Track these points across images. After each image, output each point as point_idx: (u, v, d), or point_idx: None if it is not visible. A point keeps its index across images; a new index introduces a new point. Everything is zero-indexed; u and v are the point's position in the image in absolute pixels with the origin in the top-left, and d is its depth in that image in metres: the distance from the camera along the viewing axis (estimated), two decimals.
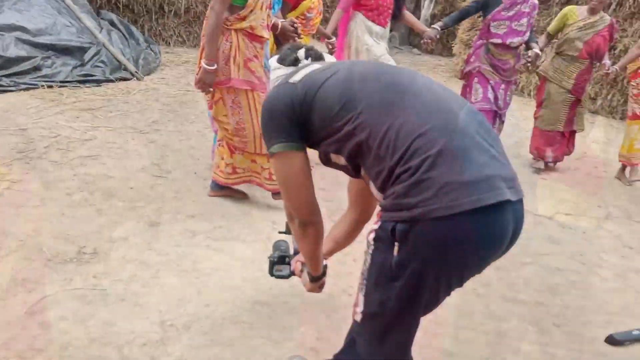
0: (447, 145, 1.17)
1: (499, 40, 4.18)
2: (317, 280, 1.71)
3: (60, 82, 4.87)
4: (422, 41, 4.30)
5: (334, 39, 3.90)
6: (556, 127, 4.61)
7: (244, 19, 2.71)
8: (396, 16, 4.15)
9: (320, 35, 3.94)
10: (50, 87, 4.77)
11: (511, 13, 4.15)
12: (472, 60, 4.36)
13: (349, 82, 1.33)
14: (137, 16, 6.92)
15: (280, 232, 2.00)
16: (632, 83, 4.61)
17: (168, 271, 2.41)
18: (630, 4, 7.00)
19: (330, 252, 1.79)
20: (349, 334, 1.51)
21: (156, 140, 3.92)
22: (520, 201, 1.25)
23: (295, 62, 1.57)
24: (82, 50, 5.28)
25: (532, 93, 7.93)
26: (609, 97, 7.60)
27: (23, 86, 4.61)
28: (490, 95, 4.32)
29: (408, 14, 4.39)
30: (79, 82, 4.99)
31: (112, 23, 6.16)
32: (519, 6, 4.14)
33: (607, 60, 4.40)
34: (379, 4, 3.91)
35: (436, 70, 9.67)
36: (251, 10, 2.70)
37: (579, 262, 3.11)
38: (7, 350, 1.83)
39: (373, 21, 3.95)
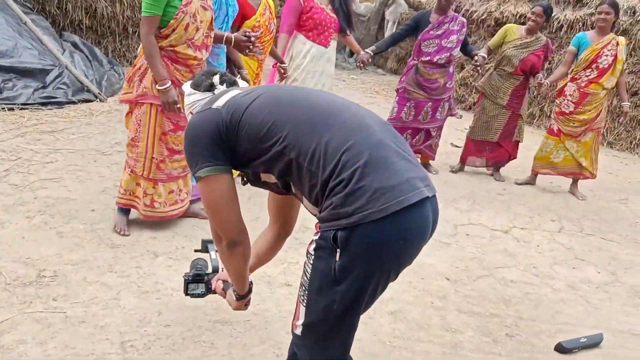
0: (371, 156, 1.30)
1: (428, 58, 4.45)
2: (243, 299, 1.71)
3: (22, 104, 4.82)
4: (356, 63, 4.45)
5: (286, 63, 3.87)
6: (487, 138, 4.94)
7: (165, 37, 2.68)
8: (343, 32, 4.10)
9: (274, 58, 3.84)
10: (11, 109, 4.72)
11: (440, 32, 4.44)
12: (402, 79, 4.63)
13: (274, 105, 1.42)
14: (101, 37, 6.90)
15: (196, 251, 1.99)
16: (556, 101, 4.91)
17: (129, 292, 2.42)
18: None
19: (253, 268, 1.81)
20: (289, 352, 1.58)
21: (119, 162, 3.92)
22: (434, 196, 1.39)
23: (210, 87, 1.62)
24: (44, 72, 5.25)
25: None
26: None
27: None
28: (404, 114, 4.60)
29: (350, 34, 4.34)
30: (41, 104, 4.94)
31: (75, 45, 6.13)
32: (447, 25, 4.44)
33: (540, 74, 4.65)
34: (317, 24, 3.86)
35: None
36: (173, 30, 2.66)
37: (532, 274, 3.24)
38: None
39: (313, 41, 3.91)
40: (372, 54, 4.48)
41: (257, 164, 1.43)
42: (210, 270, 1.87)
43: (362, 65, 4.45)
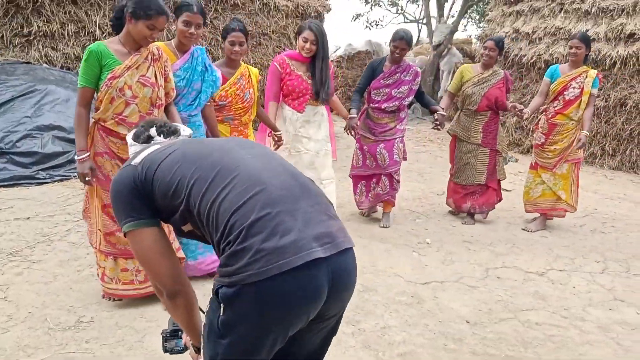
0: (257, 216, 1.30)
1: (377, 105, 4.47)
2: (200, 352, 1.62)
3: None
4: (346, 130, 4.40)
5: (280, 132, 3.86)
6: (475, 182, 4.81)
7: (97, 110, 2.71)
8: (318, 99, 3.97)
9: (268, 127, 3.88)
10: None
11: (390, 81, 4.43)
12: (358, 128, 4.47)
13: (181, 163, 1.45)
14: None
15: None
16: (534, 135, 4.84)
17: (153, 334, 2.66)
18: (634, 62, 7.13)
19: None
20: None
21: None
22: (339, 253, 1.35)
23: (149, 139, 1.66)
24: None
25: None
26: (627, 152, 7.57)
27: (57, 177, 5.18)
28: (369, 160, 4.56)
29: (335, 99, 4.33)
30: None
31: None
32: (398, 75, 4.43)
33: (517, 104, 4.62)
34: (290, 90, 3.90)
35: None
36: (101, 101, 2.68)
37: (561, 316, 3.14)
38: None
39: (289, 105, 3.96)
40: (355, 117, 4.36)
41: (174, 219, 1.48)
42: None
43: (351, 132, 4.40)
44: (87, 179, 2.70)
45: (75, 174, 5.22)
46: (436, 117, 4.49)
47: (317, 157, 4.05)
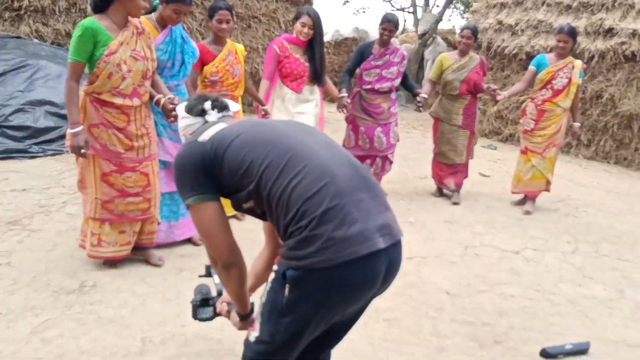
0: (328, 206, 1.40)
1: (369, 86, 4.70)
2: (246, 318, 1.74)
3: None
4: (338, 109, 4.63)
5: (267, 106, 4.08)
6: (457, 160, 5.12)
7: (91, 83, 2.79)
8: (314, 81, 4.23)
9: (256, 101, 4.15)
10: None
11: (380, 62, 4.68)
12: (349, 107, 4.68)
13: (253, 145, 1.52)
14: None
15: (200, 276, 2.01)
16: (520, 121, 5.12)
17: (154, 299, 2.82)
18: (612, 56, 7.40)
19: (253, 288, 1.88)
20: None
21: None
22: (394, 244, 1.49)
23: (202, 112, 1.72)
24: None
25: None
26: (601, 143, 7.87)
27: (50, 152, 5.25)
28: (362, 141, 4.78)
29: (327, 80, 4.46)
30: None
31: None
32: (387, 56, 4.70)
33: (491, 85, 4.96)
34: (289, 72, 4.11)
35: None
36: (97, 77, 2.76)
37: (534, 290, 3.38)
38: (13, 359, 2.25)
39: (287, 87, 4.17)
40: (346, 95, 4.61)
41: (239, 195, 1.56)
42: (214, 294, 1.90)
43: (342, 109, 4.61)
44: (82, 151, 2.76)
45: (67, 150, 5.34)
46: (419, 99, 4.78)
47: None
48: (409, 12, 15.41)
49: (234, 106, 1.84)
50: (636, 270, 3.86)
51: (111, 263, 3.12)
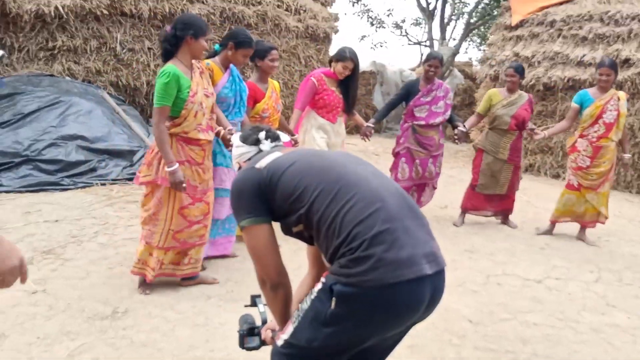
0: (380, 230, 1.47)
1: (423, 122, 4.99)
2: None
3: (112, 180, 5.70)
4: (362, 136, 4.98)
5: (296, 136, 4.34)
6: (496, 191, 5.28)
7: (177, 125, 3.05)
8: (347, 112, 4.71)
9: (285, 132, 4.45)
10: (103, 184, 5.59)
11: (429, 98, 4.96)
12: (401, 141, 5.07)
13: (306, 172, 1.63)
14: None
15: (246, 306, 2.04)
16: (570, 157, 5.13)
17: (184, 325, 2.91)
18: (629, 86, 7.45)
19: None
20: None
21: None
22: (438, 272, 1.54)
23: (257, 142, 1.87)
24: (132, 152, 6.15)
25: (548, 172, 8.32)
26: (622, 172, 7.84)
27: (80, 185, 5.45)
28: (414, 173, 5.05)
29: (354, 112, 4.85)
30: (128, 179, 5.80)
31: None
32: (434, 92, 4.98)
33: (533, 126, 5.07)
34: (326, 103, 4.49)
35: (457, 156, 10.22)
36: (185, 118, 3.04)
37: (557, 318, 3.39)
38: None
39: (322, 117, 4.54)
40: (373, 126, 5.02)
41: (289, 220, 1.65)
42: (259, 323, 1.93)
43: (365, 137, 5.00)
44: (183, 185, 3.03)
45: (97, 182, 5.54)
46: (456, 132, 5.01)
47: None
48: (425, 45, 15.69)
49: (285, 137, 1.98)
50: None
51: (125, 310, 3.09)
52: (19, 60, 6.62)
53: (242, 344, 1.90)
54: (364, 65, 12.34)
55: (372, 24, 15.20)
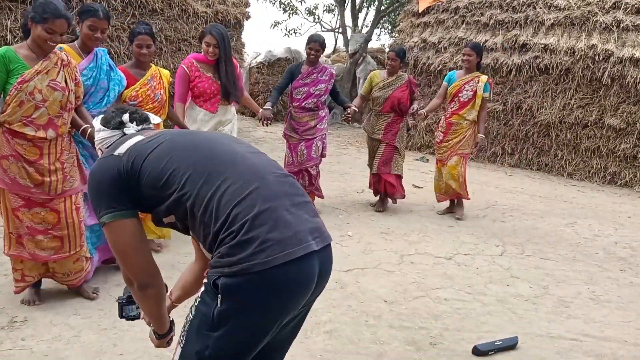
0: (261, 209, 1.36)
1: (297, 104, 4.94)
2: (164, 338, 1.70)
3: None
4: (259, 120, 4.75)
5: (188, 128, 3.97)
6: (371, 170, 5.41)
7: (3, 112, 2.70)
8: (226, 99, 4.17)
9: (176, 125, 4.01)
10: None
11: (308, 81, 4.91)
12: (285, 126, 5.05)
13: (174, 154, 1.46)
14: None
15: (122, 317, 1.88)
16: (435, 134, 5.60)
17: (89, 330, 2.74)
18: (528, 69, 7.92)
19: (179, 300, 1.84)
20: None
21: None
22: (325, 247, 1.46)
23: (120, 125, 1.65)
24: None
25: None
26: (524, 151, 8.35)
27: None
28: (294, 157, 5.00)
29: (247, 97, 4.54)
30: None
31: None
32: (315, 75, 4.93)
33: (415, 105, 5.17)
34: (201, 91, 4.05)
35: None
36: (8, 104, 2.68)
37: (466, 292, 3.55)
38: None
39: (200, 107, 4.11)
40: (271, 108, 4.73)
41: (159, 209, 1.48)
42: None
43: (265, 121, 4.65)
44: None
45: None
46: (348, 111, 4.98)
47: None
48: (339, 32, 15.83)
49: (155, 119, 1.78)
50: (558, 267, 4.13)
51: (24, 318, 2.86)
52: None
53: (120, 313, 1.81)
54: (279, 51, 12.26)
55: (285, 11, 15.09)
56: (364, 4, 15.69)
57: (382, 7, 13.93)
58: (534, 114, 8.08)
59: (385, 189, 5.38)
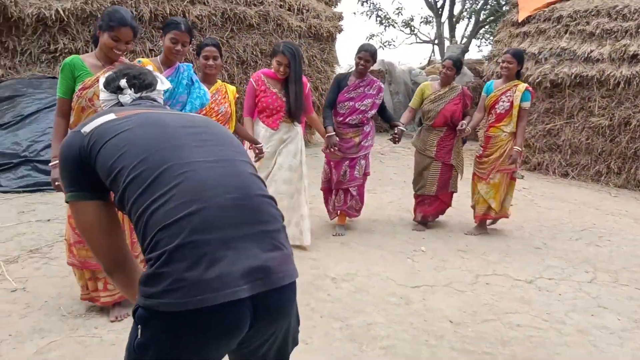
0: (184, 241, 1.18)
1: (341, 119, 4.59)
2: None
3: None
4: (326, 149, 4.53)
5: (260, 144, 3.91)
6: (425, 192, 4.99)
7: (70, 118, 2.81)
8: (291, 117, 4.15)
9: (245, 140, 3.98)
10: None
11: (353, 95, 4.56)
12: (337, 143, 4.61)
13: (126, 150, 1.30)
14: None
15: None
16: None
17: None
18: (638, 82, 7.26)
19: None
20: None
21: None
22: (274, 290, 1.26)
23: (118, 89, 1.54)
24: None
25: (556, 171, 8.15)
26: (632, 170, 7.66)
27: None
28: (333, 175, 4.71)
29: (314, 117, 4.48)
30: None
31: None
32: (362, 88, 4.56)
33: (463, 121, 4.79)
34: (265, 106, 4.05)
35: None
36: (73, 110, 2.79)
37: (543, 319, 3.29)
38: None
39: (262, 122, 4.10)
40: (333, 133, 4.49)
41: (115, 198, 1.36)
42: None
43: (331, 149, 4.48)
44: (57, 184, 2.75)
45: None
46: (395, 131, 4.67)
47: (290, 171, 4.17)
48: (434, 44, 15.54)
49: (164, 84, 1.62)
50: None
51: (100, 308, 3.02)
52: (22, 63, 6.70)
53: None
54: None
55: (380, 23, 15.10)
56: (463, 14, 15.29)
57: (481, 18, 13.49)
58: None
59: (432, 212, 5.10)
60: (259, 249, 1.26)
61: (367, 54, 4.48)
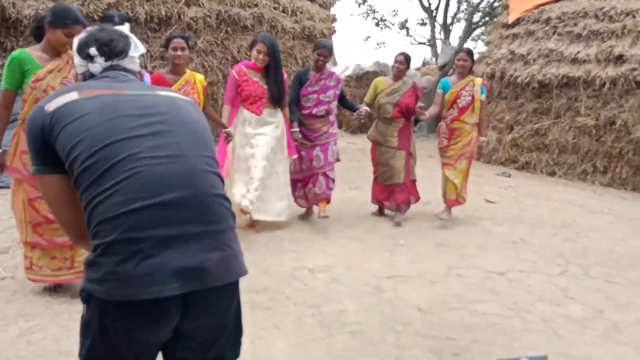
0: (120, 237, 1.24)
1: (308, 111, 4.86)
2: None
3: None
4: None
5: (229, 128, 4.33)
6: (395, 181, 5.23)
7: (22, 109, 2.87)
8: (273, 103, 4.52)
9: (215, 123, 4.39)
10: None
11: (317, 87, 4.84)
12: (300, 138, 4.91)
13: (84, 136, 1.32)
14: None
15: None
16: (438, 140, 5.44)
17: None
18: (623, 82, 7.39)
19: None
20: None
21: None
22: (209, 290, 1.30)
23: (88, 57, 1.51)
24: None
25: (544, 170, 8.28)
26: (617, 169, 7.78)
27: None
28: (305, 165, 4.94)
29: (285, 111, 4.73)
30: None
31: None
32: (323, 81, 4.86)
33: (421, 104, 5.03)
34: (248, 94, 4.44)
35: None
36: (25, 102, 2.86)
37: (509, 308, 3.42)
38: None
39: (247, 109, 4.49)
40: (297, 129, 4.81)
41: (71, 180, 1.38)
42: None
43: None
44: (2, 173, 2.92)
45: None
46: (360, 110, 4.99)
47: (272, 152, 4.54)
48: (428, 45, 15.69)
49: (138, 49, 1.59)
50: (622, 292, 3.83)
51: (50, 288, 3.20)
52: None
53: None
54: (367, 65, 12.43)
55: (377, 25, 15.29)
56: (459, 16, 15.45)
57: (475, 20, 13.64)
58: (629, 130, 7.50)
59: (404, 200, 5.32)
60: (197, 249, 1.29)
61: (325, 50, 4.81)
